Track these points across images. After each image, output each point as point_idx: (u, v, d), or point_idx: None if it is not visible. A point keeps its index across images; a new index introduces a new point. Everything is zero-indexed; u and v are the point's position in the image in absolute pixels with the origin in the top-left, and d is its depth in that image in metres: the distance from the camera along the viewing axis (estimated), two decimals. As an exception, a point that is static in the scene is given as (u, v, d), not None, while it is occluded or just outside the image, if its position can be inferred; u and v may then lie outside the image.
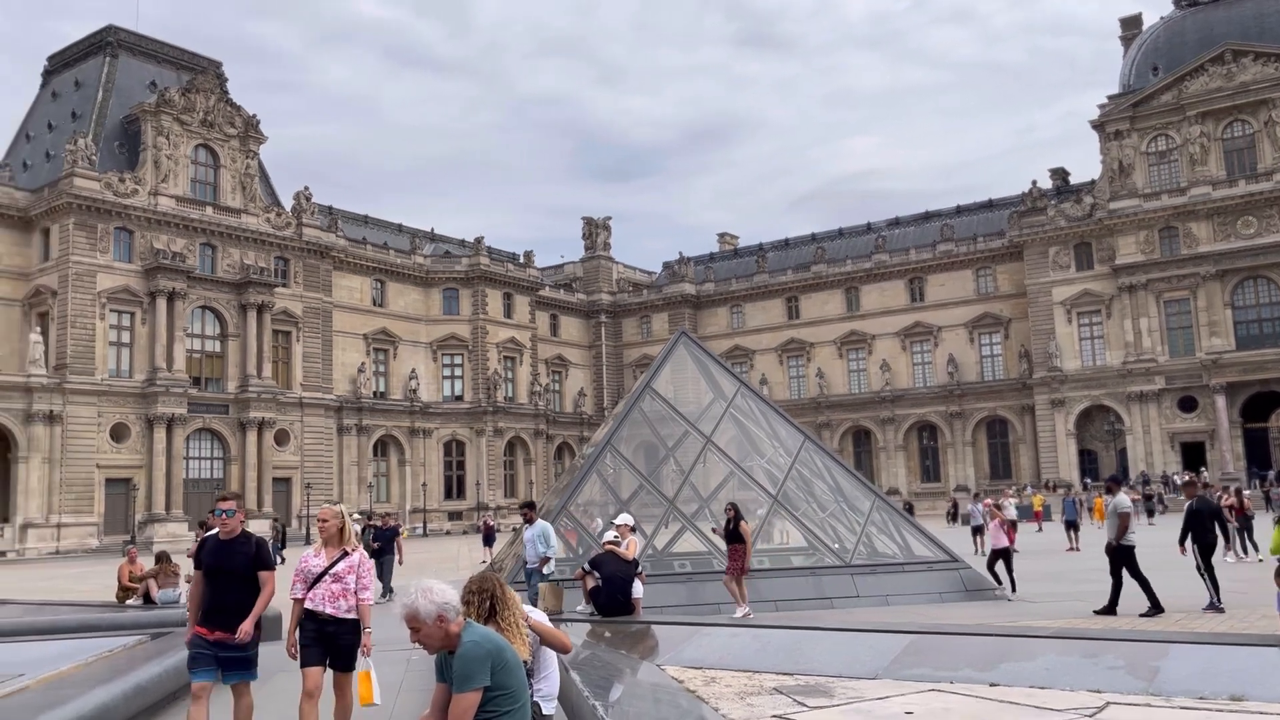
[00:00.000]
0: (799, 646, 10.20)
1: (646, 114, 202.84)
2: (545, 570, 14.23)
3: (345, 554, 7.03)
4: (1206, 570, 13.75)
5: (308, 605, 6.93)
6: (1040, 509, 46.04)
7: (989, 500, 17.97)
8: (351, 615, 6.95)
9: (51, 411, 52.31)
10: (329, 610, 6.89)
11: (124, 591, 16.77)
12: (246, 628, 6.71)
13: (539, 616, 6.00)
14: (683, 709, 8.34)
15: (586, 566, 13.12)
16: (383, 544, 19.78)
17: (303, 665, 7.01)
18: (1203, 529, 14.03)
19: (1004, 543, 16.35)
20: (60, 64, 66.59)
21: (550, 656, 6.06)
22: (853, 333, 79.43)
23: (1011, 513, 31.71)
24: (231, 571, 6.83)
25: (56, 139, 60.80)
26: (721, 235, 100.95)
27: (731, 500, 15.77)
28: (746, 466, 19.25)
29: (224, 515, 6.95)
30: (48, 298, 55.04)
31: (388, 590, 19.28)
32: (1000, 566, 17.18)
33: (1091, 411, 68.62)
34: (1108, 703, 7.67)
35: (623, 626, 12.09)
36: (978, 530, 29.24)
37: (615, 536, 13.10)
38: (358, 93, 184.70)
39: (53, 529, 51.88)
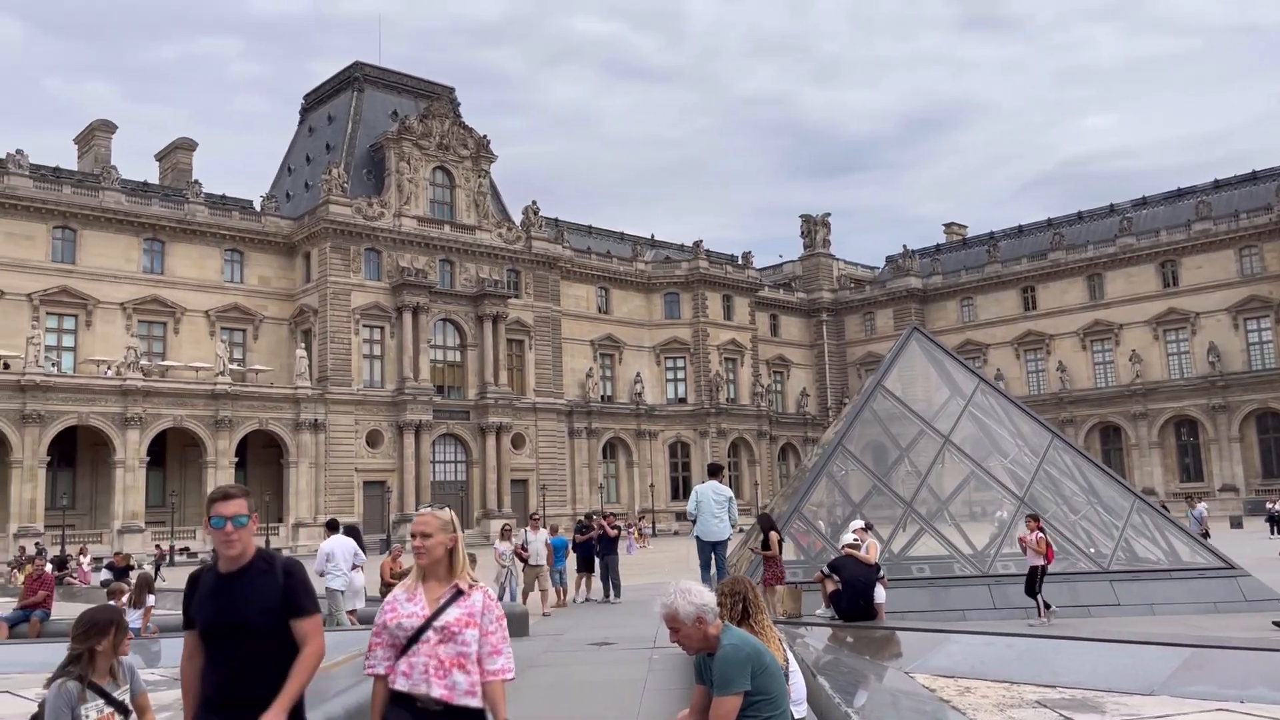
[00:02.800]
0: (1060, 656, 9.58)
1: (864, 107, 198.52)
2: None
3: (458, 593, 4.08)
4: None
5: (398, 686, 4.00)
6: (1326, 511, 41.22)
7: (1033, 520, 15.28)
8: (474, 700, 4.01)
9: (316, 420, 57.09)
10: (437, 692, 3.96)
11: (386, 587, 17.98)
12: None
13: None
14: (934, 718, 8.01)
15: (826, 569, 12.89)
16: (605, 545, 20.16)
17: None
18: None
19: (1039, 561, 14.62)
20: (314, 101, 72.73)
21: (794, 662, 5.95)
22: (1097, 322, 74.32)
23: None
24: (242, 627, 3.99)
25: (313, 170, 66.40)
26: (948, 225, 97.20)
27: (765, 512, 15.19)
28: (987, 466, 18.39)
29: (227, 526, 4.04)
30: (310, 316, 60.16)
31: (616, 590, 19.73)
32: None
33: (1386, 402, 61.02)
34: None
35: (866, 631, 11.78)
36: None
37: (855, 539, 12.79)
38: (579, 108, 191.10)
39: (320, 528, 56.53)
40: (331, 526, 15.91)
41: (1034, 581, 14.45)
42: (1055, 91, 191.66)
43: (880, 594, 12.61)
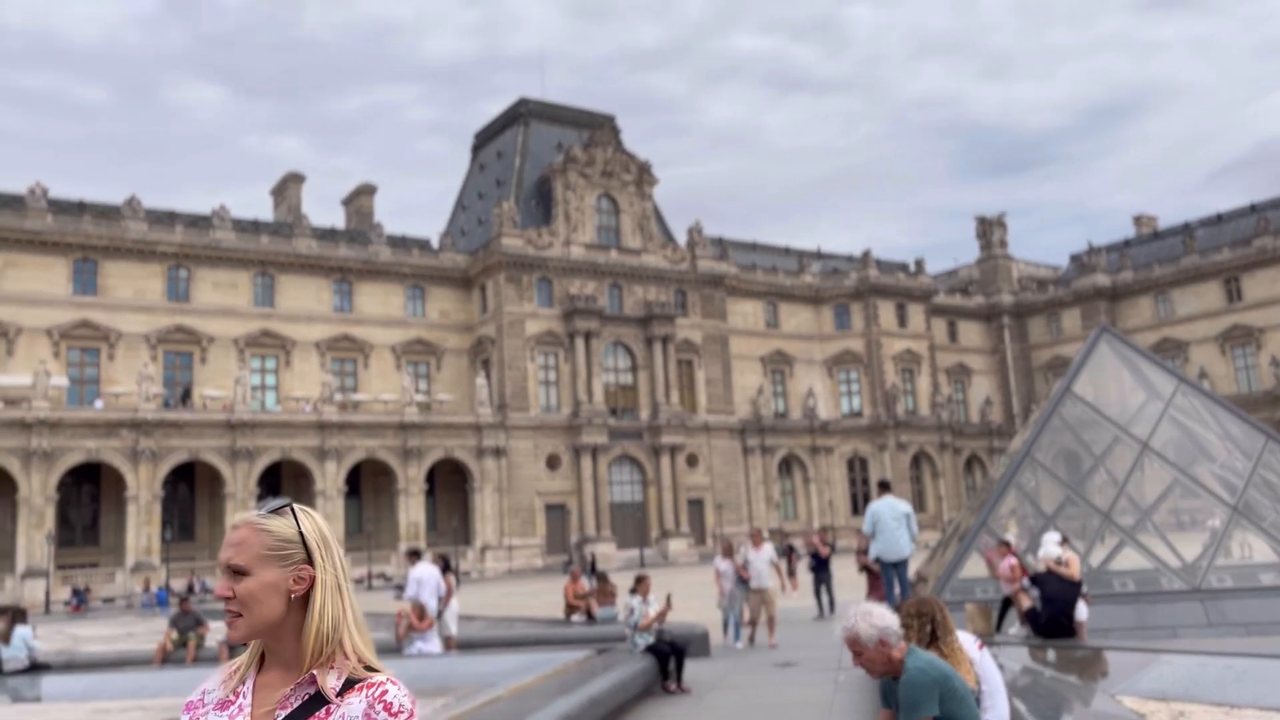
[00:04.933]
0: (1289, 679, 8.76)
1: (1039, 100, 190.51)
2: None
3: (312, 703, 1.93)
4: None
5: None
6: None
7: (1004, 546, 13.64)
8: None
9: (497, 446, 59.05)
10: None
11: (570, 608, 18.34)
12: None
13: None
14: (1147, 746, 7.47)
15: (1025, 583, 12.26)
16: (818, 564, 20.13)
17: None
18: None
19: (1012, 589, 13.16)
20: (484, 139, 75.72)
21: (999, 683, 5.64)
22: (1313, 312, 68.21)
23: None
24: None
25: (485, 205, 69.05)
26: (1137, 218, 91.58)
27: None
28: (1193, 473, 17.15)
29: None
30: (488, 345, 62.41)
31: (832, 606, 19.48)
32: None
33: None
34: None
35: (1067, 651, 11.13)
36: None
37: (1060, 554, 12.12)
38: (740, 125, 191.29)
39: (505, 550, 58.36)
40: (414, 554, 16.30)
41: (1004, 611, 13.20)
42: (1252, 66, 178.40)
43: (1082, 611, 11.90)
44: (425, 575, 15.16)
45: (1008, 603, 13.22)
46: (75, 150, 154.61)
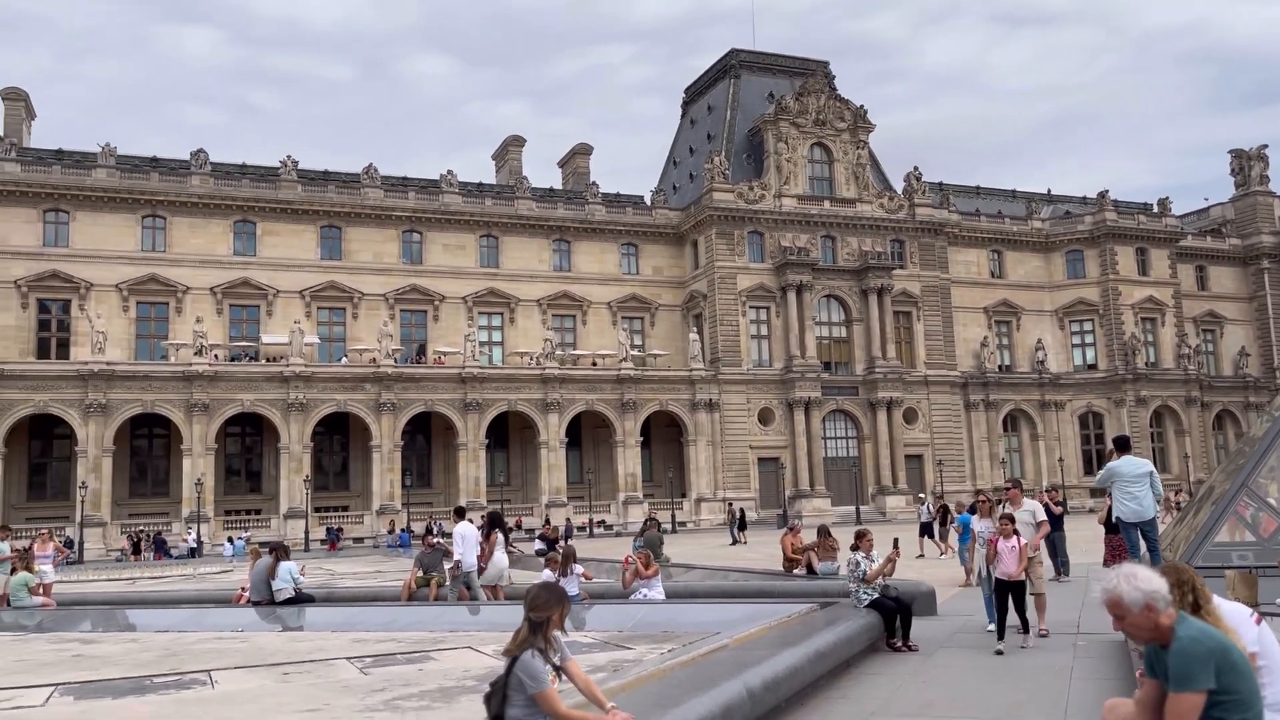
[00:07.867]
0: None
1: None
2: None
3: None
4: None
5: None
6: None
7: (1007, 522, 10.55)
8: None
9: (710, 400, 59.56)
10: None
11: (789, 562, 18.31)
12: None
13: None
14: None
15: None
16: (1054, 520, 19.22)
17: None
18: None
19: (1019, 575, 10.75)
20: (694, 94, 75.65)
21: (1278, 657, 5.14)
22: None
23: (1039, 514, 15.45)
24: None
25: (696, 161, 69.14)
26: None
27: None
28: None
29: None
30: (699, 301, 62.81)
31: (1065, 568, 18.57)
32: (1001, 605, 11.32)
33: None
34: None
35: (1346, 626, 10.07)
36: None
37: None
38: (963, 66, 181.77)
39: (719, 502, 58.96)
40: (459, 512, 16.67)
41: (1004, 600, 11.06)
42: None
43: (1365, 583, 10.72)
44: (467, 532, 15.73)
45: (1005, 591, 11.03)
46: (320, 124, 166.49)
